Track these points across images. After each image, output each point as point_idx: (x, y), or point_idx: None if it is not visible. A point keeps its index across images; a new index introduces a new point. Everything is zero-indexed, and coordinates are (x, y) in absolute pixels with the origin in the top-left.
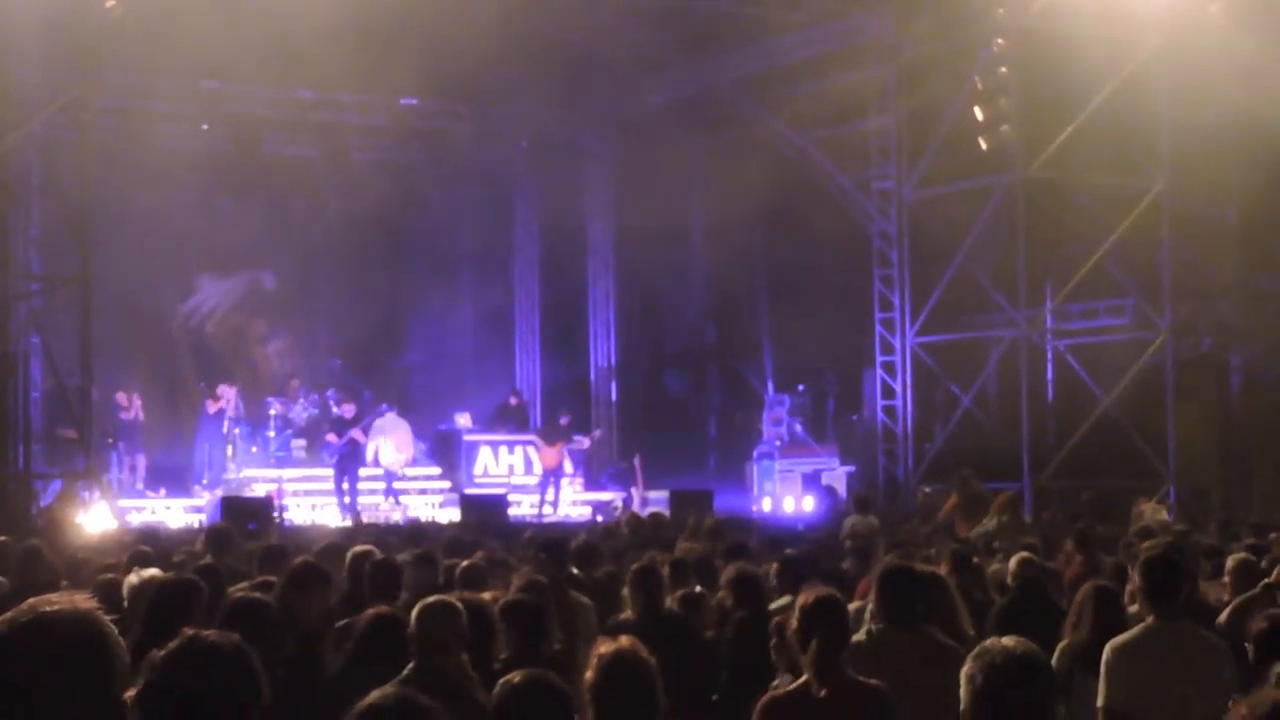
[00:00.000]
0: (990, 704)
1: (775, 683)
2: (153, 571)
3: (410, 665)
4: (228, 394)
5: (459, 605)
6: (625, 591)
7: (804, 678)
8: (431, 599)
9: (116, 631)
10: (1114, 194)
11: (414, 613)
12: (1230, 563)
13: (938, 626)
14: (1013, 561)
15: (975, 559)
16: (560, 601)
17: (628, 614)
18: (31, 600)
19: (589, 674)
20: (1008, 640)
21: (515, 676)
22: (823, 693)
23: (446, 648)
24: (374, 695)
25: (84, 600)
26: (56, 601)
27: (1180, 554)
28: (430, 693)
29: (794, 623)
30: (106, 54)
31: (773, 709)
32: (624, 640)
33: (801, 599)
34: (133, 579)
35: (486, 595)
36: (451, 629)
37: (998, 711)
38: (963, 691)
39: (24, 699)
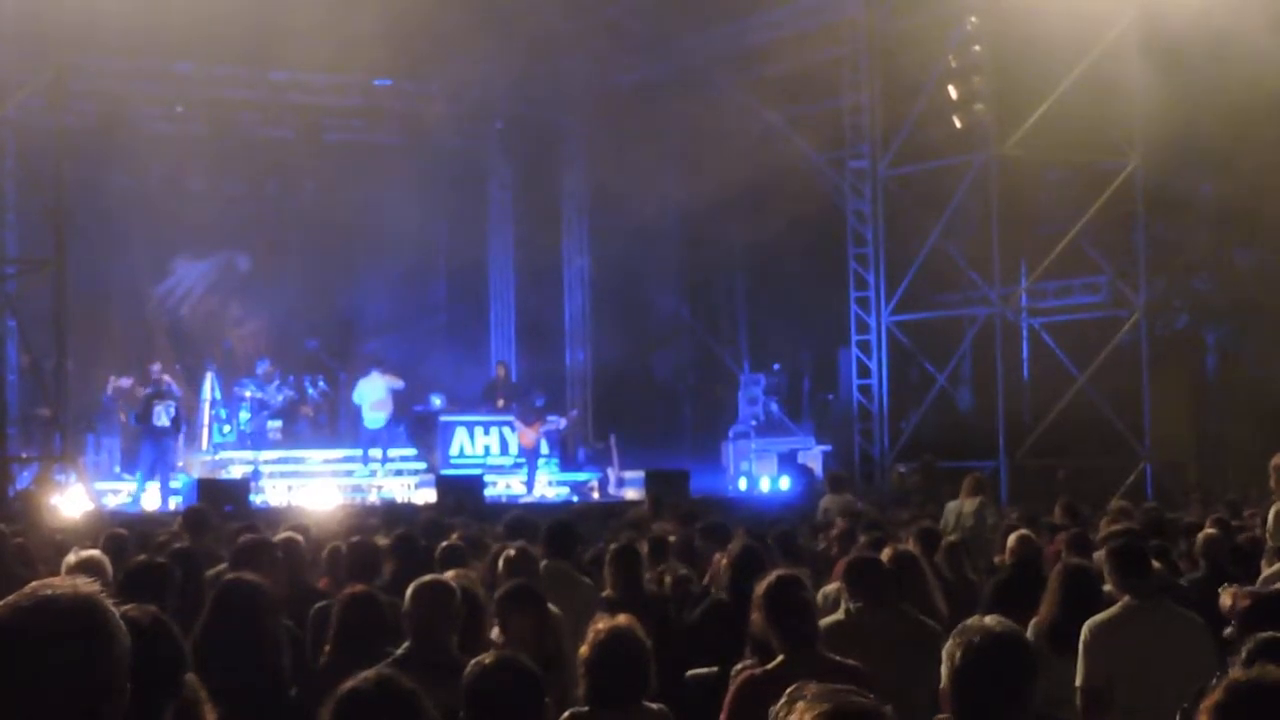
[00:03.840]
0: (968, 682)
1: (741, 664)
2: (91, 553)
3: (404, 645)
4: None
5: (453, 585)
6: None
7: (780, 658)
8: (426, 578)
9: (118, 614)
10: (1088, 171)
11: (408, 593)
12: (1200, 540)
13: (912, 604)
14: (1011, 538)
15: (954, 538)
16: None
17: (608, 592)
18: (34, 584)
19: (584, 649)
20: (989, 619)
21: (487, 657)
22: (799, 673)
23: (441, 628)
24: (356, 679)
25: (86, 583)
26: (59, 585)
27: (1143, 535)
28: (426, 673)
29: (757, 606)
30: (81, 37)
31: (749, 689)
32: (621, 618)
33: (761, 586)
34: (70, 559)
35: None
36: (446, 609)
37: (975, 689)
38: (943, 669)
39: (25, 683)
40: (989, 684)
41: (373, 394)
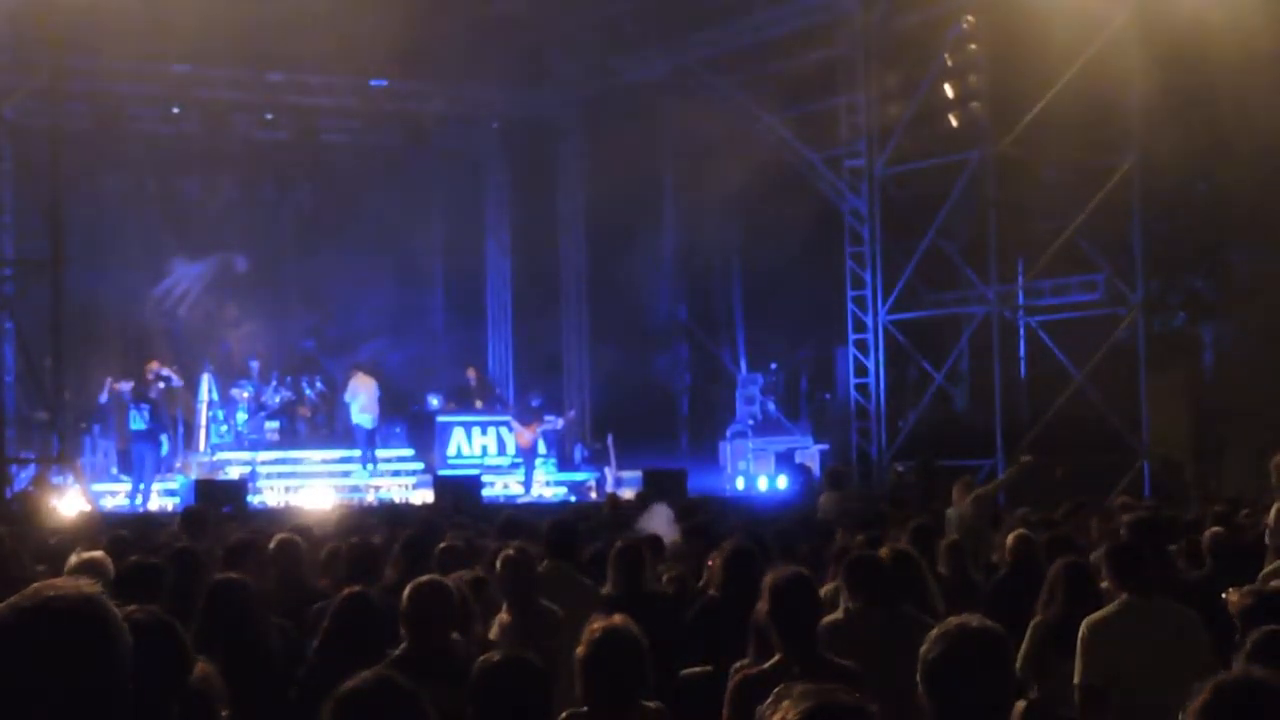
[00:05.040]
0: (936, 677)
1: (739, 663)
2: (94, 554)
3: (401, 646)
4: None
5: (450, 585)
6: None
7: (776, 658)
8: (423, 578)
9: (120, 615)
10: (1085, 169)
11: (405, 593)
12: (1206, 538)
13: (911, 604)
14: (1010, 538)
15: (955, 537)
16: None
17: (608, 589)
18: (36, 585)
19: (580, 648)
20: (965, 617)
21: (494, 655)
22: (795, 673)
23: (438, 628)
24: (354, 679)
25: (89, 585)
26: (61, 585)
27: (1143, 533)
28: (421, 673)
29: (763, 603)
30: (77, 39)
31: (745, 687)
32: (616, 617)
33: (770, 578)
34: (73, 560)
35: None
36: (443, 609)
37: (944, 684)
38: (919, 669)
39: (27, 684)
40: (956, 676)
41: (361, 395)
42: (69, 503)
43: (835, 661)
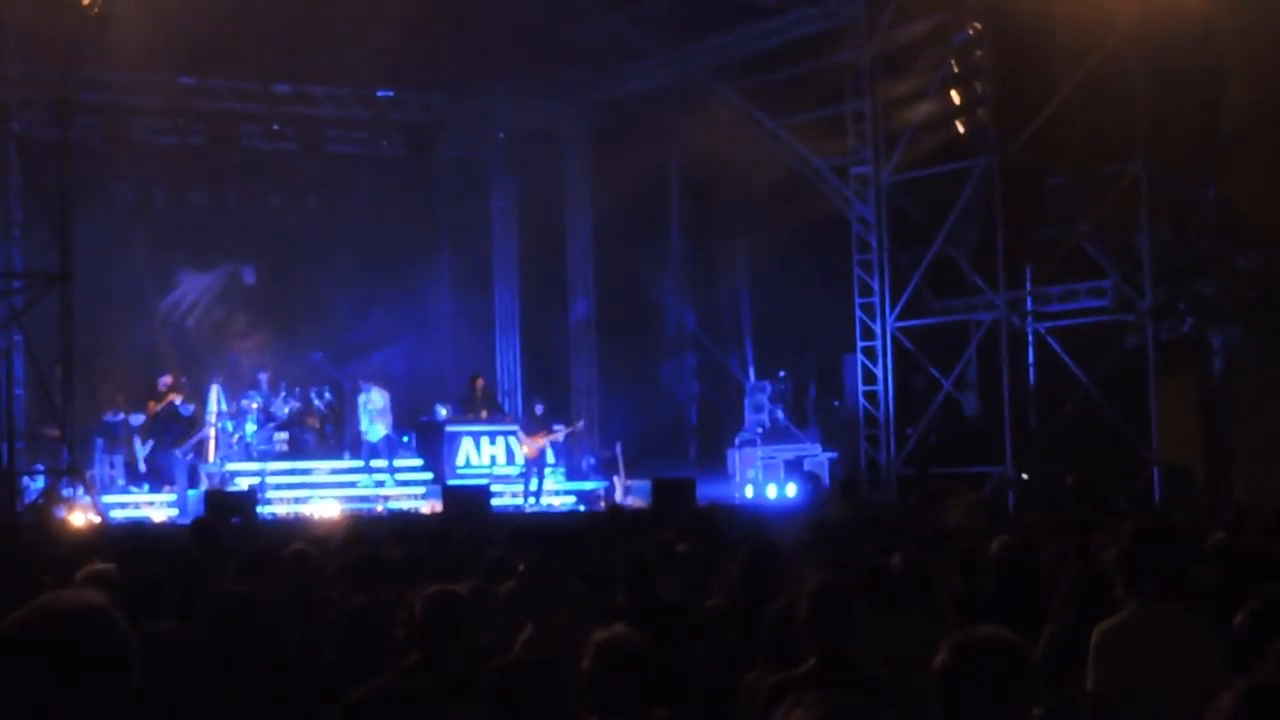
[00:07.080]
0: (950, 687)
1: (755, 674)
2: (103, 566)
3: (413, 656)
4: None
5: (462, 594)
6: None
7: (810, 663)
8: (433, 588)
9: (127, 626)
10: (1092, 175)
11: (419, 602)
12: (1210, 545)
13: (920, 612)
14: (995, 545)
15: (963, 545)
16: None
17: (619, 600)
18: (44, 596)
19: (584, 661)
20: (980, 627)
21: (514, 658)
22: (828, 679)
23: (450, 637)
24: (364, 688)
25: (95, 595)
26: (68, 597)
27: (1152, 539)
28: (436, 683)
29: (802, 610)
30: (84, 51)
31: (777, 695)
32: (618, 626)
33: (809, 586)
34: (82, 572)
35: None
36: (453, 618)
37: (956, 694)
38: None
39: (33, 694)
40: (969, 686)
41: (373, 407)
42: (79, 515)
43: (867, 670)
